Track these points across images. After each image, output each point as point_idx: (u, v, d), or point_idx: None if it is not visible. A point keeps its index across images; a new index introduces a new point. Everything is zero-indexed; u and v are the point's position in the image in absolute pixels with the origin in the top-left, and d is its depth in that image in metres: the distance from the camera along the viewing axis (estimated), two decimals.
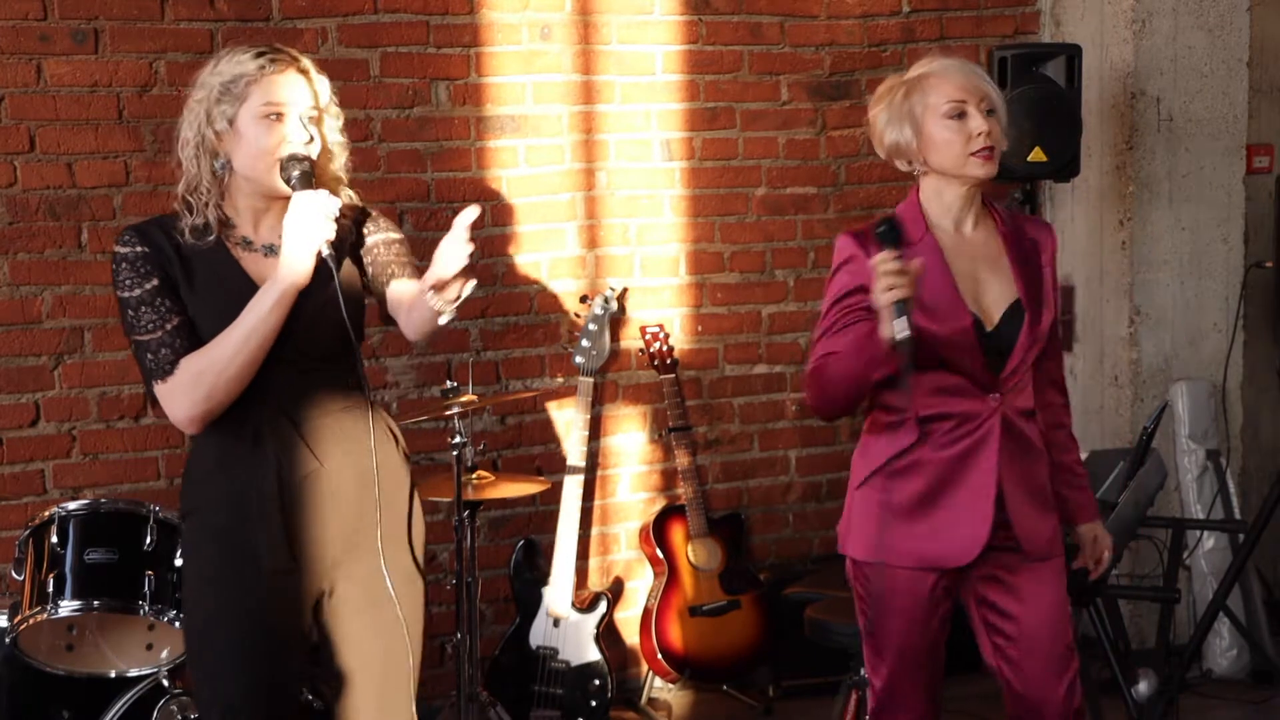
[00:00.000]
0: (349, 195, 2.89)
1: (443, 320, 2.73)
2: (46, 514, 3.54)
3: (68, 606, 3.42)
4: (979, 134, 2.91)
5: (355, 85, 4.53)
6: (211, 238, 2.72)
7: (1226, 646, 4.89)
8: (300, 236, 2.64)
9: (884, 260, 2.69)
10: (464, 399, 4.04)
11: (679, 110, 4.90)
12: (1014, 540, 2.97)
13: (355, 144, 4.51)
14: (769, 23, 4.96)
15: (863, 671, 3.73)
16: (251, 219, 2.77)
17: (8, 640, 3.51)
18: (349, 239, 2.85)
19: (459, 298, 2.68)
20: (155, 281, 2.67)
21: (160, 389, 2.68)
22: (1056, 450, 3.12)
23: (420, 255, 2.89)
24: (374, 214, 2.95)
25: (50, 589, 3.42)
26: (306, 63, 2.78)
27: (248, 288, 2.69)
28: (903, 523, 2.95)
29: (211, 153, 2.70)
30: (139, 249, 2.68)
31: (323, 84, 2.80)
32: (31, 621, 3.44)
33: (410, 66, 4.59)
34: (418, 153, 4.62)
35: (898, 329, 2.67)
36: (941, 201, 2.99)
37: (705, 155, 4.95)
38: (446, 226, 4.72)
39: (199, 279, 2.70)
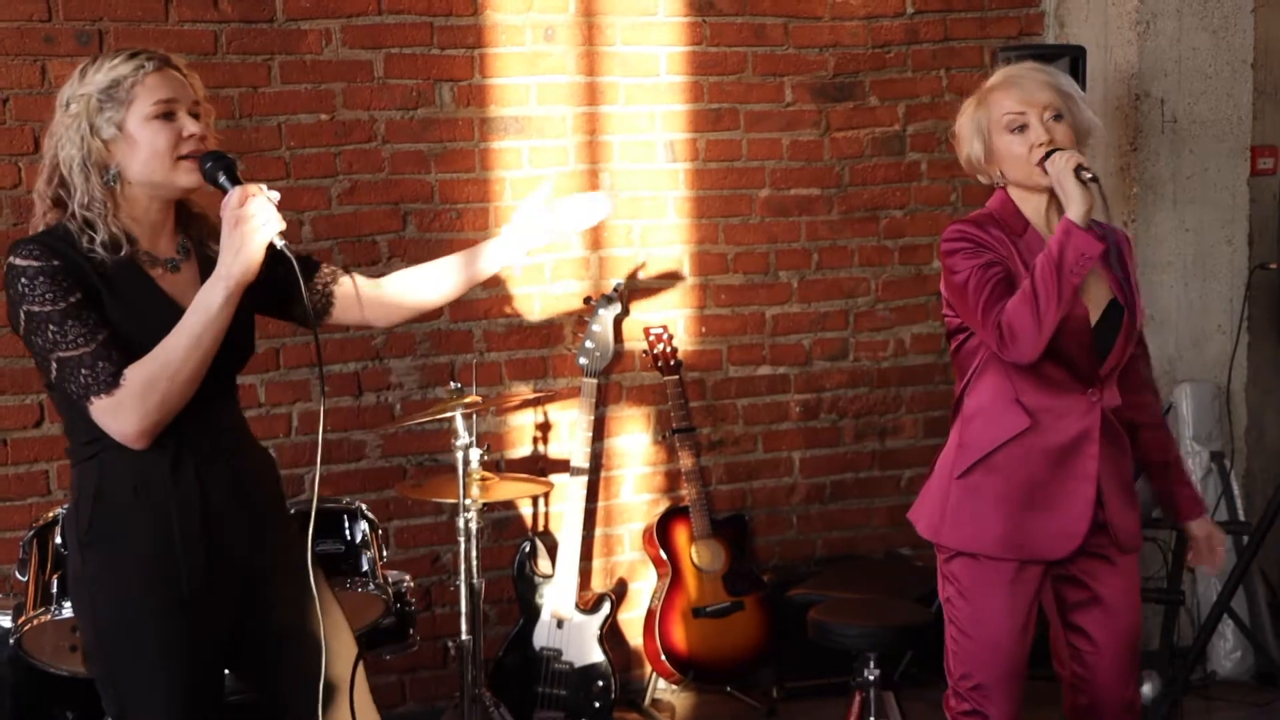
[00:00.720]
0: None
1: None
2: (50, 515, 3.53)
3: (71, 607, 3.42)
4: (1040, 145, 2.93)
5: (359, 86, 4.53)
6: (123, 253, 2.61)
7: (1231, 648, 4.88)
8: (251, 229, 2.53)
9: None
10: (468, 400, 4.04)
11: (683, 112, 4.90)
12: (1103, 537, 3.01)
13: (359, 145, 4.58)
14: (773, 24, 4.96)
15: (866, 673, 3.75)
16: (150, 233, 2.67)
17: (12, 641, 3.51)
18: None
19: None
20: (78, 295, 2.53)
21: (103, 404, 2.52)
22: (1158, 450, 3.17)
23: (422, 256, 2.90)
24: None
25: (54, 590, 3.42)
26: (177, 60, 2.70)
27: (167, 303, 2.61)
28: (1003, 512, 2.98)
29: (100, 165, 2.61)
30: (54, 262, 2.53)
31: (196, 80, 2.72)
32: (35, 622, 3.44)
33: (414, 68, 4.59)
34: (421, 154, 4.62)
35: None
36: (1028, 207, 3.03)
37: (709, 157, 4.95)
38: (450, 228, 4.78)
39: (120, 295, 2.59)
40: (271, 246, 2.56)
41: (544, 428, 4.83)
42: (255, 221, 2.54)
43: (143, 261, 2.65)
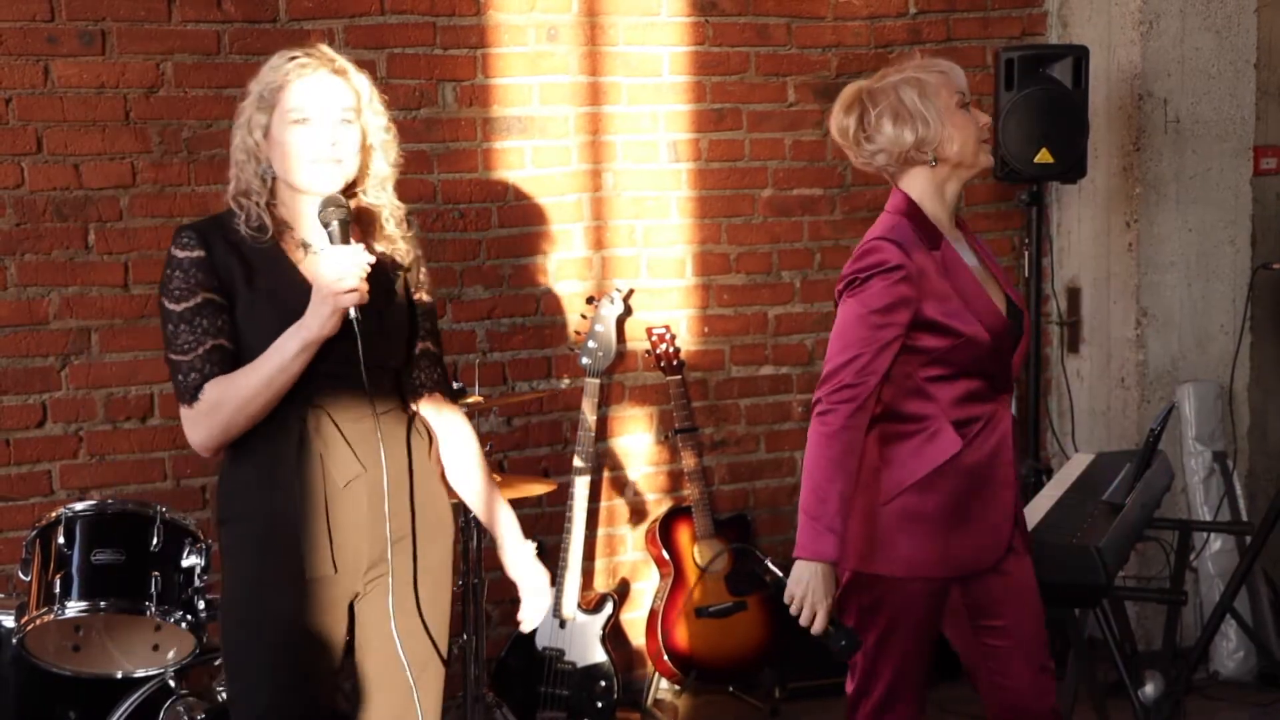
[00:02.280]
0: (401, 211, 2.88)
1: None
2: (53, 515, 3.54)
3: (74, 607, 3.42)
4: (984, 124, 2.99)
5: None
6: (268, 237, 2.70)
7: (1233, 648, 4.88)
8: (329, 294, 2.60)
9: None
10: (471, 400, 4.04)
11: (685, 111, 4.90)
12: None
13: None
14: (775, 24, 4.96)
15: None
16: (307, 222, 2.74)
17: (14, 641, 3.51)
18: (394, 275, 2.85)
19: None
20: (200, 298, 2.64)
21: (185, 413, 2.68)
22: None
23: (426, 256, 2.90)
24: (421, 257, 2.93)
25: (57, 590, 3.42)
26: (343, 63, 2.75)
27: (306, 293, 2.66)
28: (938, 534, 2.94)
29: (256, 159, 2.70)
30: (197, 253, 2.65)
31: (361, 82, 2.76)
32: (38, 622, 3.44)
33: (417, 68, 4.59)
34: (424, 154, 4.62)
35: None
36: (943, 197, 3.01)
37: (712, 156, 4.94)
38: (453, 228, 4.78)
39: (259, 278, 2.68)
40: (348, 316, 2.64)
41: (547, 428, 4.83)
42: (344, 293, 2.61)
43: (292, 247, 2.74)
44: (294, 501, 2.68)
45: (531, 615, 3.03)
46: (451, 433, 2.98)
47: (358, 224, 2.79)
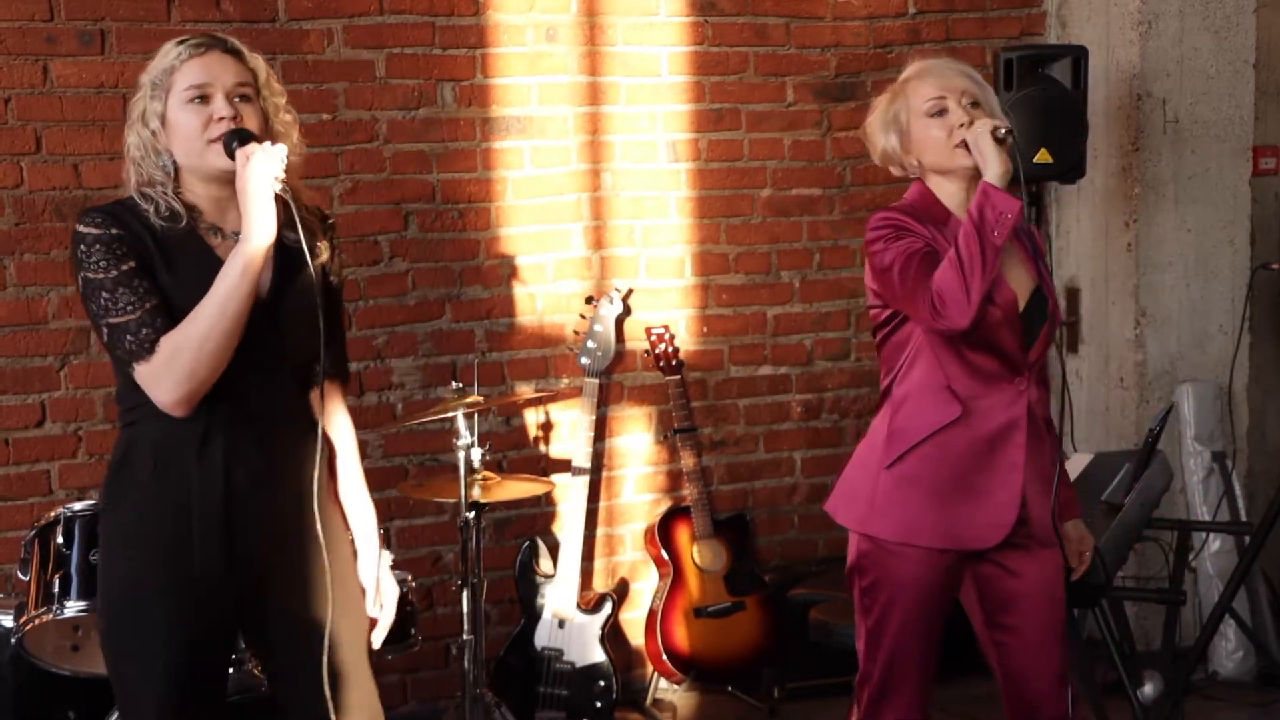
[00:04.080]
0: (308, 195, 2.83)
1: None
2: (52, 514, 3.54)
3: (73, 607, 3.42)
4: (960, 125, 2.97)
5: (361, 86, 4.53)
6: (182, 224, 2.64)
7: (1232, 649, 4.88)
8: (253, 190, 2.55)
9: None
10: (469, 400, 4.04)
11: (684, 112, 4.90)
12: (1023, 529, 3.00)
13: (361, 145, 4.57)
14: (774, 24, 4.96)
15: None
16: (216, 208, 2.69)
17: (13, 641, 3.51)
18: (318, 238, 2.79)
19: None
20: (132, 263, 2.57)
21: (143, 371, 2.57)
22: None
23: (424, 256, 2.90)
24: (337, 242, 2.88)
25: (56, 589, 3.43)
26: (235, 44, 2.71)
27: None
28: (934, 502, 2.98)
29: (155, 151, 2.64)
30: (113, 230, 2.58)
31: (257, 62, 2.72)
32: (37, 622, 3.44)
33: (416, 67, 4.59)
34: (423, 154, 4.62)
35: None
36: (946, 197, 3.05)
37: (711, 157, 4.95)
38: (451, 228, 4.78)
39: (177, 264, 2.62)
40: (279, 198, 2.57)
41: (546, 427, 4.83)
42: (254, 176, 2.55)
43: (204, 231, 2.68)
44: (186, 496, 2.62)
45: (379, 625, 2.96)
46: (339, 436, 2.92)
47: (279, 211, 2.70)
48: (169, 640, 2.64)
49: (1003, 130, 2.87)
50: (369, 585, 2.92)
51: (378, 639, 2.94)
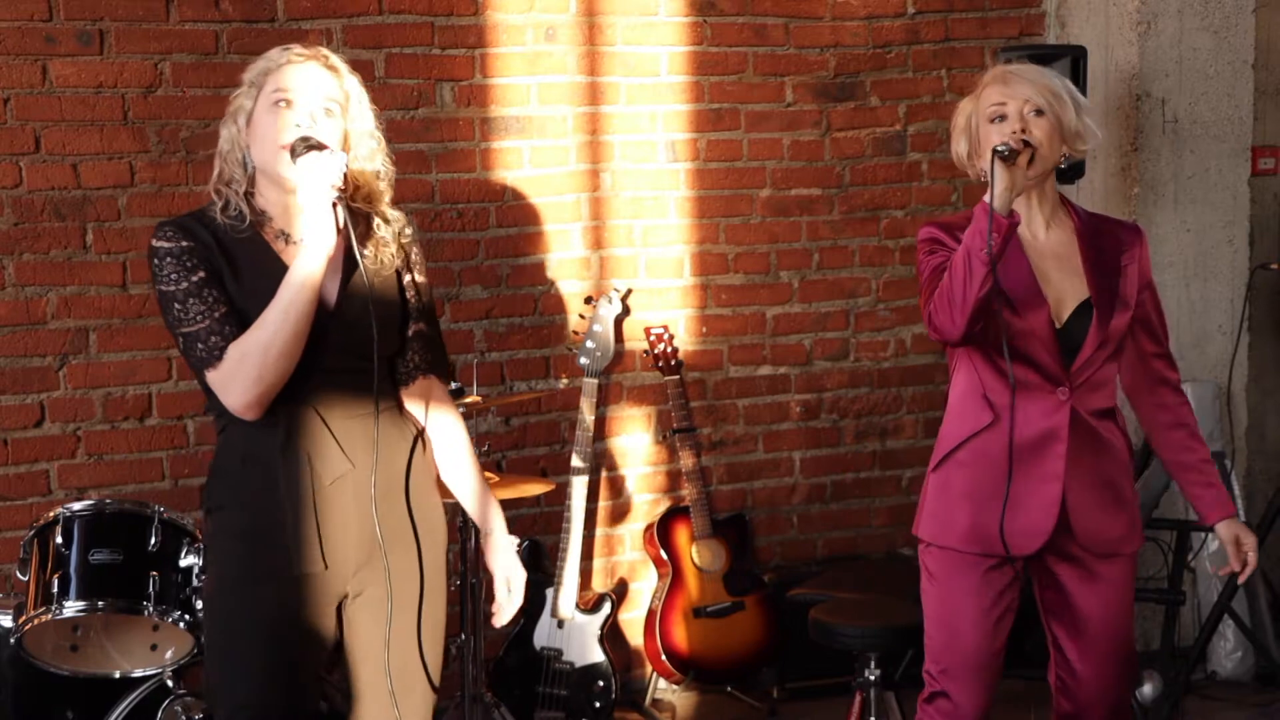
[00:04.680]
0: (393, 213, 2.88)
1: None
2: (51, 514, 3.54)
3: (72, 607, 3.42)
4: (1011, 132, 2.93)
5: None
6: (246, 227, 2.69)
7: (1231, 649, 4.88)
8: (308, 198, 2.60)
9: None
10: (469, 400, 4.04)
11: (684, 112, 4.90)
12: (1073, 542, 3.02)
13: None
14: (774, 24, 4.96)
15: (867, 673, 3.75)
16: (285, 214, 2.73)
17: (12, 641, 3.51)
18: (396, 251, 2.84)
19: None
20: (202, 274, 2.63)
21: (213, 377, 2.63)
22: (1178, 450, 3.18)
23: (425, 256, 2.90)
24: (416, 240, 2.93)
25: (55, 589, 3.43)
26: (336, 60, 2.75)
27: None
28: (968, 506, 3.01)
29: (238, 146, 2.71)
30: (183, 243, 2.64)
31: (351, 82, 2.77)
32: (36, 622, 3.44)
33: (415, 68, 4.59)
34: (422, 154, 4.62)
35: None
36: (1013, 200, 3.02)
37: (710, 157, 4.95)
38: (451, 227, 4.78)
39: (243, 270, 2.67)
40: (335, 206, 2.61)
41: (545, 428, 4.83)
42: (309, 183, 2.60)
43: (271, 237, 2.72)
44: (277, 495, 2.67)
45: (507, 609, 2.98)
46: (443, 430, 2.94)
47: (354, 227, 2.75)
48: (268, 637, 2.69)
49: (1002, 150, 2.83)
50: (497, 572, 2.95)
51: (503, 620, 2.97)
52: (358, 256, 2.65)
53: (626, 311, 4.86)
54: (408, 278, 2.87)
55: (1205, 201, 5.00)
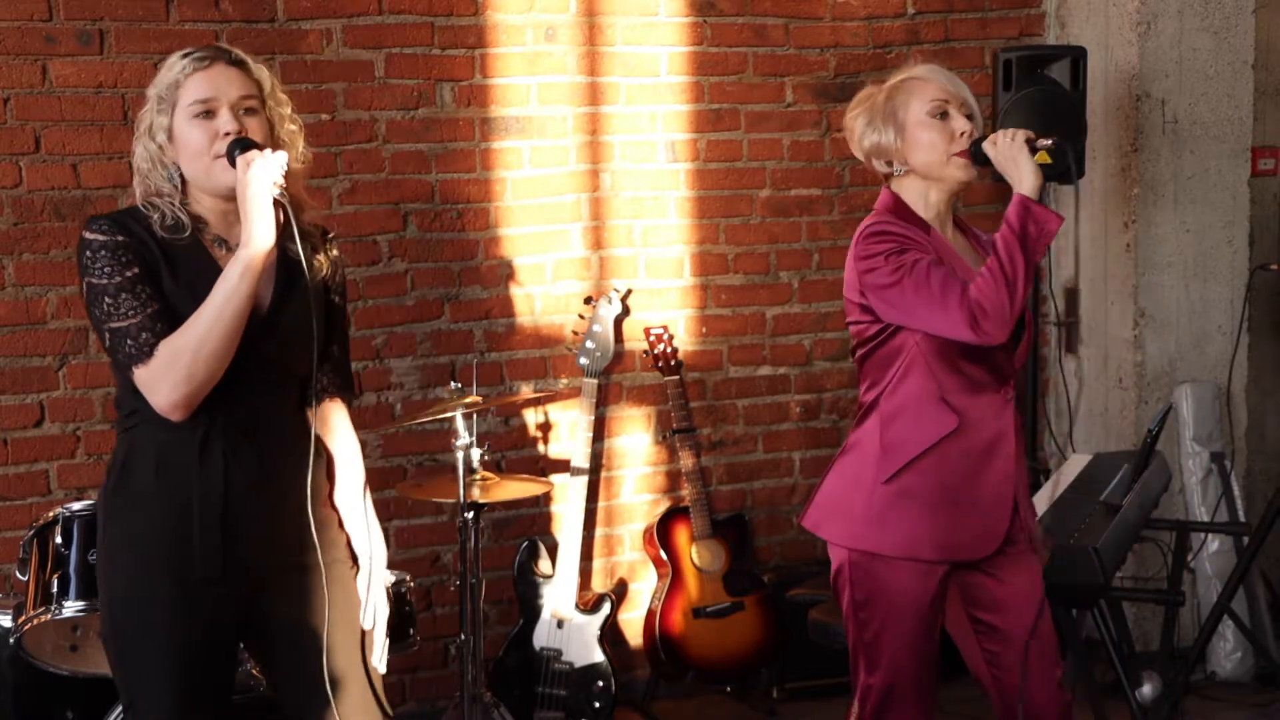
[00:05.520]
0: (312, 208, 2.86)
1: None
2: (51, 514, 3.54)
3: (72, 607, 3.42)
4: (961, 134, 2.97)
5: (360, 86, 4.53)
6: (186, 234, 2.67)
7: (1231, 649, 4.88)
8: (252, 196, 2.57)
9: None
10: (468, 400, 4.04)
11: (684, 112, 4.90)
12: (1011, 537, 3.02)
13: (360, 145, 4.57)
14: (774, 24, 4.96)
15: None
16: (222, 221, 2.71)
17: (12, 641, 3.52)
18: (319, 253, 2.82)
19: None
20: (136, 269, 2.60)
21: (141, 374, 2.60)
22: None
23: (423, 257, 2.90)
24: (340, 260, 2.91)
25: (54, 589, 3.43)
26: (239, 55, 2.72)
27: None
28: (933, 515, 2.97)
29: (162, 164, 2.67)
30: (119, 237, 2.61)
31: (262, 72, 2.74)
32: (36, 622, 3.44)
33: (415, 68, 4.59)
34: (422, 154, 4.62)
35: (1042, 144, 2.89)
36: (927, 203, 3.04)
37: (710, 157, 4.95)
38: (450, 228, 4.78)
39: (180, 272, 2.64)
40: (278, 204, 2.59)
41: (545, 428, 4.83)
42: (253, 182, 2.58)
43: (209, 242, 2.70)
44: (188, 498, 2.65)
45: (376, 644, 2.93)
46: (343, 453, 2.92)
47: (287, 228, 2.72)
48: (172, 643, 2.67)
49: (1046, 143, 2.87)
50: (362, 598, 2.89)
51: (376, 656, 2.92)
52: (300, 251, 2.64)
53: (626, 312, 4.86)
54: (335, 299, 2.87)
55: (1205, 202, 5.00)
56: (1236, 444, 5.11)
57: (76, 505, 3.53)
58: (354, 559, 2.90)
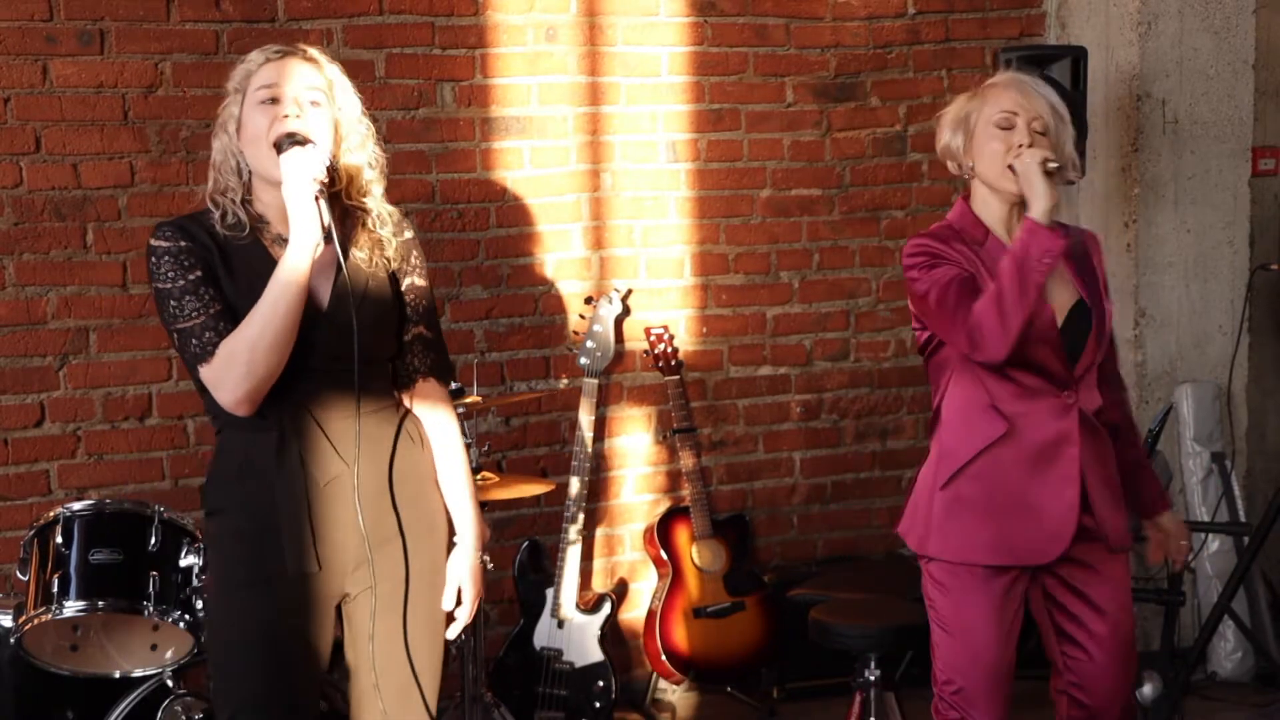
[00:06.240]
0: (387, 209, 2.86)
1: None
2: (51, 514, 3.54)
3: (72, 607, 3.42)
4: (1019, 145, 2.96)
5: (360, 86, 4.40)
6: (246, 233, 2.71)
7: (1231, 649, 4.88)
8: (289, 192, 2.60)
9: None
10: (469, 400, 4.04)
11: (684, 112, 4.90)
12: (1089, 541, 3.01)
13: None
14: (774, 24, 4.96)
15: (866, 674, 3.75)
16: (283, 218, 2.72)
17: (12, 641, 3.51)
18: (395, 252, 2.84)
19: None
20: (199, 272, 2.65)
21: (206, 373, 2.65)
22: (1124, 445, 3.16)
23: (425, 256, 2.89)
24: (414, 243, 2.91)
25: (55, 589, 3.43)
26: (314, 53, 2.76)
27: None
28: (988, 520, 2.99)
29: (232, 154, 2.72)
30: (181, 243, 2.66)
31: (333, 71, 2.78)
32: (36, 622, 3.44)
33: (416, 68, 4.59)
34: (423, 154, 4.62)
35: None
36: (989, 211, 3.08)
37: (710, 157, 4.95)
38: (451, 228, 4.78)
39: (239, 273, 2.69)
40: (317, 199, 2.61)
41: (545, 428, 4.83)
42: (289, 177, 2.61)
43: (269, 241, 2.73)
44: (273, 497, 2.68)
45: (459, 619, 2.94)
46: (439, 433, 2.93)
47: (342, 225, 2.75)
48: (267, 637, 2.71)
49: (1053, 165, 2.87)
50: (450, 580, 2.90)
51: (452, 632, 2.93)
52: (338, 253, 2.65)
53: (626, 311, 4.86)
54: (406, 280, 2.86)
55: (1205, 202, 5.00)
56: (1237, 444, 5.11)
57: (77, 505, 3.53)
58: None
